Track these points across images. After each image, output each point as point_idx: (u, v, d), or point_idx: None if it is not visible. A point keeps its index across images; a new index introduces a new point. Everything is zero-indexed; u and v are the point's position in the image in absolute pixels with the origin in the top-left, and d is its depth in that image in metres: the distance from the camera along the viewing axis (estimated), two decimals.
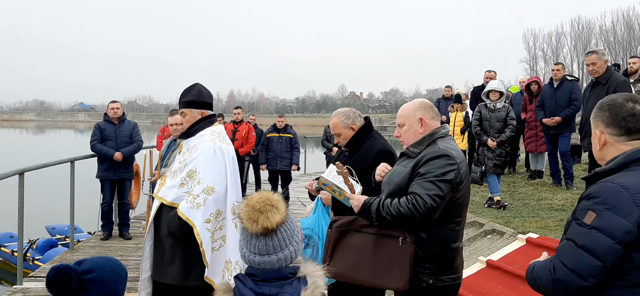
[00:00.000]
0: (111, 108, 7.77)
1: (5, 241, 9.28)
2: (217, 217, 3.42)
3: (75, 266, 1.91)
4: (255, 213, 1.92)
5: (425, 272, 2.79)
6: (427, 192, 2.67)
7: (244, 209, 1.96)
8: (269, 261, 1.93)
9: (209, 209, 3.36)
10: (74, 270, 1.88)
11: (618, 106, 2.04)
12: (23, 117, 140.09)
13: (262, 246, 1.93)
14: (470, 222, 6.84)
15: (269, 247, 1.93)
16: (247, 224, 1.94)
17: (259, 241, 1.94)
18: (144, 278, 3.58)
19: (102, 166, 7.66)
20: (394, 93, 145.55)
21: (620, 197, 1.87)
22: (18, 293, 5.53)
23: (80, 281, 1.86)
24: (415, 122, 2.97)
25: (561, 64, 8.87)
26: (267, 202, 1.94)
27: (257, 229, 1.92)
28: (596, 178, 2.02)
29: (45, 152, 27.39)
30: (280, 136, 10.52)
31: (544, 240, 5.42)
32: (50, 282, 1.88)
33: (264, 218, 1.92)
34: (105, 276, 1.92)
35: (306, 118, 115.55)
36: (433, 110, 3.03)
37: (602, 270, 1.86)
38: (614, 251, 1.85)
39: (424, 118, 2.96)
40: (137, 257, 6.83)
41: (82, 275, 1.87)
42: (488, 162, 7.29)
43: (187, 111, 3.64)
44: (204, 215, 3.32)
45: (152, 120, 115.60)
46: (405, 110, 3.05)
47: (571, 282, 1.89)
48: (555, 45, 75.56)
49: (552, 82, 8.46)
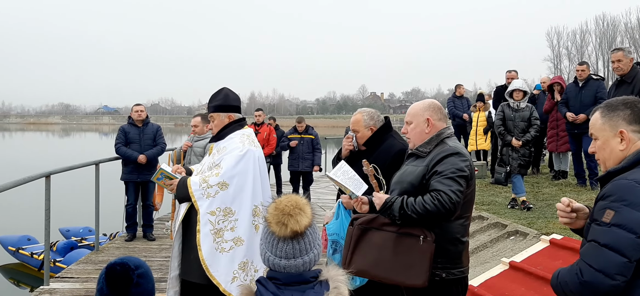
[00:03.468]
0: (135, 111, 7.88)
1: (22, 244, 9.33)
2: (227, 216, 3.51)
3: (129, 262, 2.01)
4: (285, 216, 1.92)
5: (437, 266, 2.88)
6: (449, 188, 2.78)
7: (273, 212, 1.95)
8: (295, 265, 1.92)
9: (217, 203, 3.49)
10: (132, 266, 2.00)
11: (633, 104, 2.09)
12: (49, 120, 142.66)
13: (289, 249, 1.92)
14: (492, 224, 6.79)
15: (296, 251, 1.93)
16: (276, 228, 1.93)
17: (286, 244, 1.93)
18: (172, 277, 3.68)
19: (126, 168, 7.78)
20: (415, 94, 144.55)
21: (636, 192, 1.90)
22: (45, 294, 5.64)
23: (136, 276, 1.98)
24: (423, 122, 3.09)
25: (586, 64, 8.70)
26: (296, 206, 1.94)
27: (286, 233, 1.92)
28: (609, 177, 2.05)
29: (70, 155, 27.85)
30: (302, 137, 10.56)
31: (568, 241, 5.35)
32: (116, 277, 1.97)
33: (294, 222, 1.91)
34: (149, 272, 2.06)
35: (327, 119, 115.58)
36: (441, 112, 3.14)
37: (628, 267, 1.87)
38: (637, 245, 1.86)
39: (431, 119, 3.08)
40: (161, 258, 6.92)
41: (136, 270, 2.00)
42: (513, 162, 7.18)
43: (215, 115, 3.75)
44: (210, 206, 3.48)
45: (175, 123, 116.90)
46: (414, 108, 3.19)
47: (600, 283, 1.89)
48: (579, 43, 74.48)
49: (576, 81, 8.34)
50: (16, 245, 9.27)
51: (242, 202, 3.55)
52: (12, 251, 9.24)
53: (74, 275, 6.24)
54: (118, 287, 1.97)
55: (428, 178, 2.89)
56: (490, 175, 10.35)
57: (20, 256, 9.25)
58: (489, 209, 7.46)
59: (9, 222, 10.26)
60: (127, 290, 1.97)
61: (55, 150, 40.36)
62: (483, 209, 7.47)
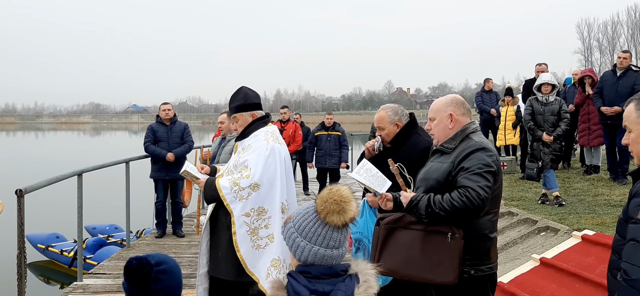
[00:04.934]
0: (163, 110, 7.99)
1: (51, 241, 9.49)
2: (261, 215, 3.56)
3: (150, 258, 2.04)
4: (342, 204, 1.94)
5: (466, 263, 2.86)
6: (477, 184, 2.74)
7: (328, 203, 1.95)
8: (338, 255, 1.95)
9: (251, 204, 3.53)
10: (150, 262, 2.02)
11: None
12: (80, 120, 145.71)
13: (336, 238, 1.95)
14: (522, 219, 6.69)
15: (341, 240, 1.97)
16: (333, 218, 1.93)
17: (339, 233, 1.96)
18: (201, 274, 3.74)
19: (155, 166, 7.89)
20: (442, 88, 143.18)
21: None
22: (78, 290, 5.76)
23: (155, 272, 2.00)
24: (446, 117, 3.05)
25: (629, 53, 8.40)
26: (346, 194, 1.97)
27: (344, 220, 1.94)
28: None
29: (100, 153, 28.37)
30: (329, 134, 10.55)
31: (601, 237, 5.24)
32: (132, 272, 2.01)
33: (349, 210, 1.94)
34: (173, 269, 2.07)
35: (352, 115, 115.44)
36: (464, 107, 3.09)
37: None
38: None
39: (454, 114, 3.04)
40: (190, 254, 7.01)
41: (156, 266, 2.02)
42: (544, 157, 7.02)
43: (238, 116, 3.78)
44: (244, 208, 3.51)
45: (202, 121, 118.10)
46: (437, 104, 3.15)
47: None
48: (611, 35, 72.53)
49: (615, 70, 8.09)
50: (45, 243, 9.42)
51: (274, 200, 3.59)
52: (42, 249, 9.39)
53: (105, 271, 6.36)
54: (136, 282, 2.00)
55: (454, 175, 2.86)
56: (519, 170, 10.19)
57: (50, 254, 9.40)
58: (519, 205, 7.35)
59: (37, 220, 10.47)
60: (146, 285, 1.99)
61: (86, 148, 41.19)
62: (513, 205, 7.37)
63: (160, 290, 2.01)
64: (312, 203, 2.00)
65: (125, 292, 2.05)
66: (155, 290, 2.00)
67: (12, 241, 4.66)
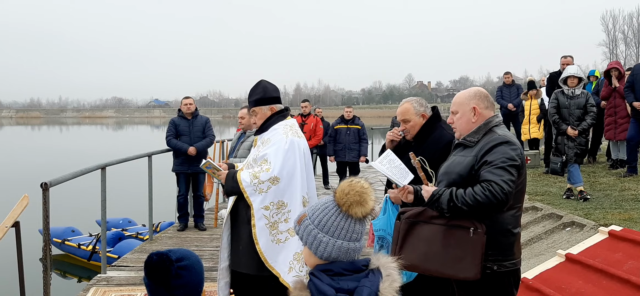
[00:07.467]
0: (184, 105, 8.04)
1: (67, 235, 9.46)
2: (281, 209, 3.55)
3: (171, 254, 2.03)
4: (364, 194, 1.93)
5: (488, 259, 2.81)
6: (501, 178, 2.69)
7: (350, 195, 1.93)
8: (360, 247, 1.94)
9: (270, 198, 3.53)
10: (171, 258, 2.01)
11: None
12: (103, 114, 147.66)
13: (358, 230, 1.95)
14: (547, 214, 6.58)
15: (362, 232, 1.97)
16: (356, 209, 1.93)
17: (361, 225, 1.96)
18: (223, 268, 3.75)
19: (177, 160, 7.95)
20: (463, 82, 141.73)
21: None
22: (102, 282, 5.83)
23: (176, 268, 1.99)
24: (469, 111, 3.00)
25: None
26: (366, 185, 1.97)
27: (366, 211, 1.94)
28: None
29: (123, 147, 28.70)
30: (348, 128, 10.51)
31: (628, 233, 5.12)
32: (152, 267, 2.01)
33: (370, 200, 1.94)
34: (194, 265, 2.05)
35: (372, 109, 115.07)
36: (488, 100, 3.04)
37: None
38: None
39: (477, 108, 2.98)
40: (212, 247, 7.04)
41: (177, 261, 2.00)
42: (569, 152, 6.87)
43: (257, 109, 3.77)
44: (263, 201, 3.52)
45: (223, 115, 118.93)
46: (459, 97, 3.09)
47: None
48: (636, 27, 71.00)
49: None
50: (61, 237, 9.38)
51: (293, 194, 3.58)
52: (58, 243, 9.34)
53: (128, 264, 6.43)
54: (156, 277, 1.99)
55: (477, 169, 2.81)
56: (543, 164, 10.03)
57: (67, 248, 9.36)
58: (543, 199, 7.23)
59: (51, 214, 10.63)
60: (166, 280, 1.97)
61: (109, 142, 41.72)
62: (537, 200, 7.25)
63: (181, 285, 1.99)
64: (329, 198, 1.99)
65: (146, 287, 2.05)
66: (175, 286, 1.98)
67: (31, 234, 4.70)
